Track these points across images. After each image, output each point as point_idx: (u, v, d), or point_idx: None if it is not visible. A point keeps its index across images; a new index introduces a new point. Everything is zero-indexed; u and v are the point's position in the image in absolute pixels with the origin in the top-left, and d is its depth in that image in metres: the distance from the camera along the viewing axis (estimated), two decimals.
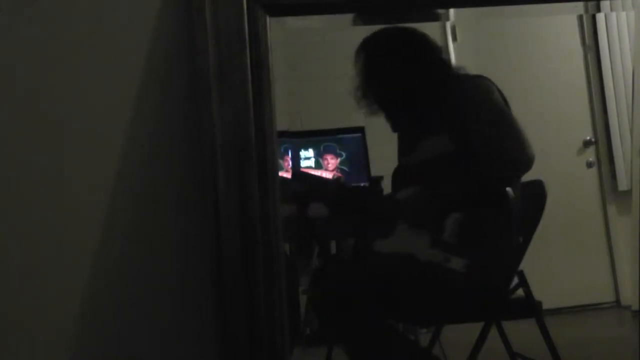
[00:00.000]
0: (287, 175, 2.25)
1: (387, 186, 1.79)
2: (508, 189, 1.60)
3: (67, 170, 1.26)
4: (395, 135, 2.32)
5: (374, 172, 2.26)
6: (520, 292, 1.69)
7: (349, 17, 1.39)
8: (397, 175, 1.74)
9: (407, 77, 1.66)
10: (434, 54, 1.70)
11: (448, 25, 3.05)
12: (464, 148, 1.57)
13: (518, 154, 1.58)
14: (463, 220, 1.56)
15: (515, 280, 1.68)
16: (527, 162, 1.59)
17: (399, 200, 1.67)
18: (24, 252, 1.24)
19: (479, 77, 1.69)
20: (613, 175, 3.00)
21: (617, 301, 2.78)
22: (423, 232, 1.59)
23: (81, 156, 1.26)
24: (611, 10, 1.45)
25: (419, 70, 1.66)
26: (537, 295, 1.69)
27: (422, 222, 1.59)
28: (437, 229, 1.58)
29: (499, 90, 1.68)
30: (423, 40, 1.70)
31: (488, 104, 1.62)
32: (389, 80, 1.68)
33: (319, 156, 2.33)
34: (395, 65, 1.67)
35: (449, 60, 1.68)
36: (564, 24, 3.05)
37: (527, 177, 1.83)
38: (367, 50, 1.69)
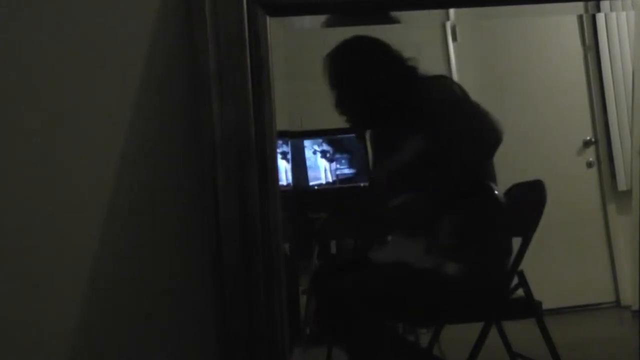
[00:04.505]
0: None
1: None
2: (491, 184, 1.63)
3: (67, 171, 1.26)
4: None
5: None
6: (520, 292, 1.69)
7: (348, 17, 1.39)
8: (375, 183, 1.80)
9: (371, 85, 1.71)
10: (398, 62, 1.73)
11: (448, 25, 3.05)
12: (436, 146, 1.61)
13: (487, 131, 1.62)
14: (455, 222, 1.58)
15: (515, 280, 1.68)
16: (496, 137, 1.62)
17: (391, 211, 1.70)
18: (23, 252, 1.24)
19: (438, 77, 1.74)
20: (613, 175, 3.01)
21: (617, 301, 2.78)
22: (417, 239, 1.61)
23: (81, 156, 1.26)
24: (611, 10, 1.45)
25: (382, 78, 1.71)
26: (537, 295, 1.69)
27: (416, 230, 1.62)
28: (431, 234, 1.59)
29: (458, 85, 1.72)
30: (385, 50, 1.74)
31: (449, 97, 1.67)
32: (356, 91, 1.74)
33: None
34: (360, 74, 1.73)
35: (415, 67, 1.72)
36: (564, 24, 3.05)
37: (527, 177, 1.84)
38: (332, 62, 1.75)
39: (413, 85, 1.70)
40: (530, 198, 1.76)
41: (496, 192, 1.63)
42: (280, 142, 1.28)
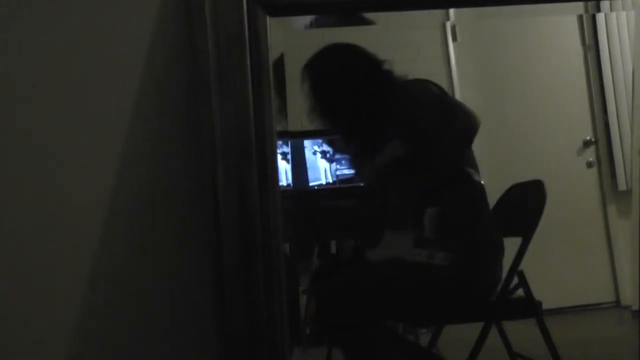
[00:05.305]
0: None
1: None
2: (469, 170, 1.64)
3: (67, 171, 1.26)
4: None
5: None
6: (520, 292, 1.69)
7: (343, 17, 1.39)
8: (368, 184, 1.81)
9: (350, 93, 1.72)
10: (374, 67, 1.74)
11: (448, 25, 3.05)
12: (414, 148, 1.62)
13: (462, 120, 1.62)
14: (438, 213, 1.58)
15: (515, 280, 1.68)
16: (472, 126, 1.62)
17: (377, 209, 1.71)
18: (24, 252, 1.24)
19: (415, 80, 1.74)
20: (613, 175, 3.01)
21: (617, 301, 2.78)
22: (405, 233, 1.61)
23: (81, 156, 1.26)
24: (611, 10, 1.45)
25: (360, 85, 1.72)
26: (537, 295, 1.69)
27: (401, 223, 1.62)
28: (417, 228, 1.60)
29: (435, 85, 1.72)
30: (361, 56, 1.75)
31: (427, 98, 1.67)
32: (334, 97, 1.74)
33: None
34: (338, 83, 1.74)
35: (391, 71, 1.73)
36: (564, 24, 3.05)
37: (527, 177, 1.84)
38: (310, 73, 1.76)
39: (390, 89, 1.71)
40: (530, 198, 1.76)
41: (475, 177, 1.63)
42: (280, 142, 1.28)
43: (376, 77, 1.73)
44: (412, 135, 1.63)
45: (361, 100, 1.70)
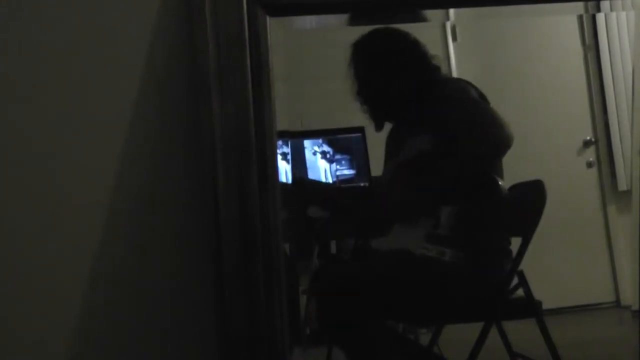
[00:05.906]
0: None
1: None
2: (497, 177, 1.63)
3: (67, 171, 1.26)
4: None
5: (374, 172, 2.26)
6: (520, 292, 1.69)
7: (347, 16, 1.39)
8: (374, 182, 1.80)
9: (393, 78, 1.70)
10: (423, 58, 1.72)
11: (448, 25, 3.05)
12: (441, 146, 1.61)
13: (496, 134, 1.60)
14: (456, 212, 1.58)
15: (515, 280, 1.68)
16: (505, 142, 1.59)
17: (393, 199, 1.70)
18: (23, 252, 1.24)
19: (457, 80, 1.73)
20: (613, 175, 3.01)
21: (617, 301, 2.78)
22: (418, 227, 1.61)
23: (81, 156, 1.26)
24: (611, 10, 1.45)
25: (405, 73, 1.70)
26: (537, 295, 1.69)
27: (412, 217, 1.62)
28: (432, 223, 1.60)
29: (476, 89, 1.71)
30: (412, 45, 1.73)
31: (463, 99, 1.65)
32: (378, 82, 1.72)
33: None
34: (383, 66, 1.72)
35: (439, 67, 1.71)
36: (564, 24, 3.06)
37: (527, 177, 1.84)
38: (357, 50, 1.73)
39: (433, 84, 1.69)
40: (530, 198, 1.76)
41: (500, 184, 1.62)
42: (280, 142, 1.28)
43: (423, 68, 1.71)
44: (439, 132, 1.61)
45: (402, 89, 1.68)
